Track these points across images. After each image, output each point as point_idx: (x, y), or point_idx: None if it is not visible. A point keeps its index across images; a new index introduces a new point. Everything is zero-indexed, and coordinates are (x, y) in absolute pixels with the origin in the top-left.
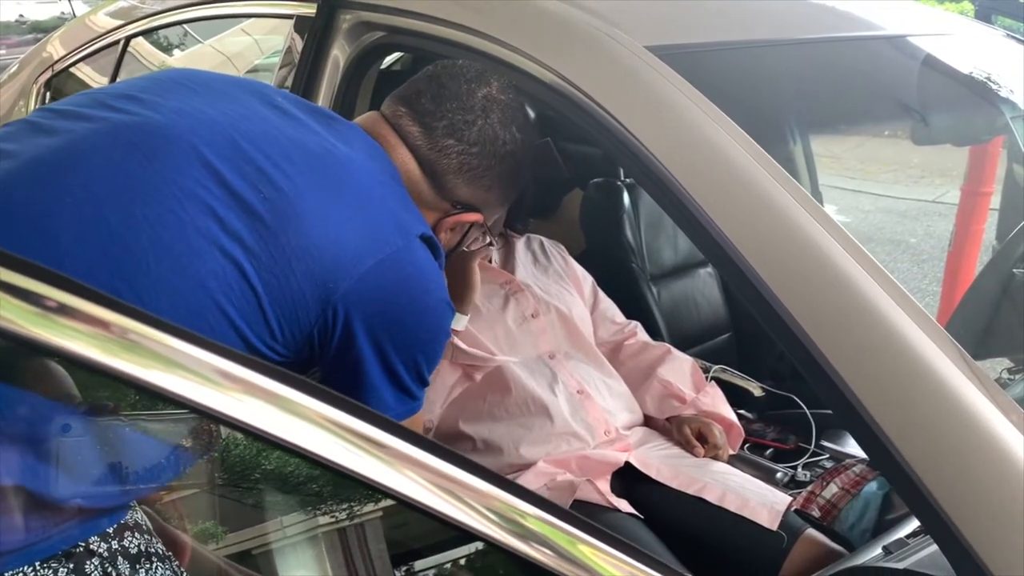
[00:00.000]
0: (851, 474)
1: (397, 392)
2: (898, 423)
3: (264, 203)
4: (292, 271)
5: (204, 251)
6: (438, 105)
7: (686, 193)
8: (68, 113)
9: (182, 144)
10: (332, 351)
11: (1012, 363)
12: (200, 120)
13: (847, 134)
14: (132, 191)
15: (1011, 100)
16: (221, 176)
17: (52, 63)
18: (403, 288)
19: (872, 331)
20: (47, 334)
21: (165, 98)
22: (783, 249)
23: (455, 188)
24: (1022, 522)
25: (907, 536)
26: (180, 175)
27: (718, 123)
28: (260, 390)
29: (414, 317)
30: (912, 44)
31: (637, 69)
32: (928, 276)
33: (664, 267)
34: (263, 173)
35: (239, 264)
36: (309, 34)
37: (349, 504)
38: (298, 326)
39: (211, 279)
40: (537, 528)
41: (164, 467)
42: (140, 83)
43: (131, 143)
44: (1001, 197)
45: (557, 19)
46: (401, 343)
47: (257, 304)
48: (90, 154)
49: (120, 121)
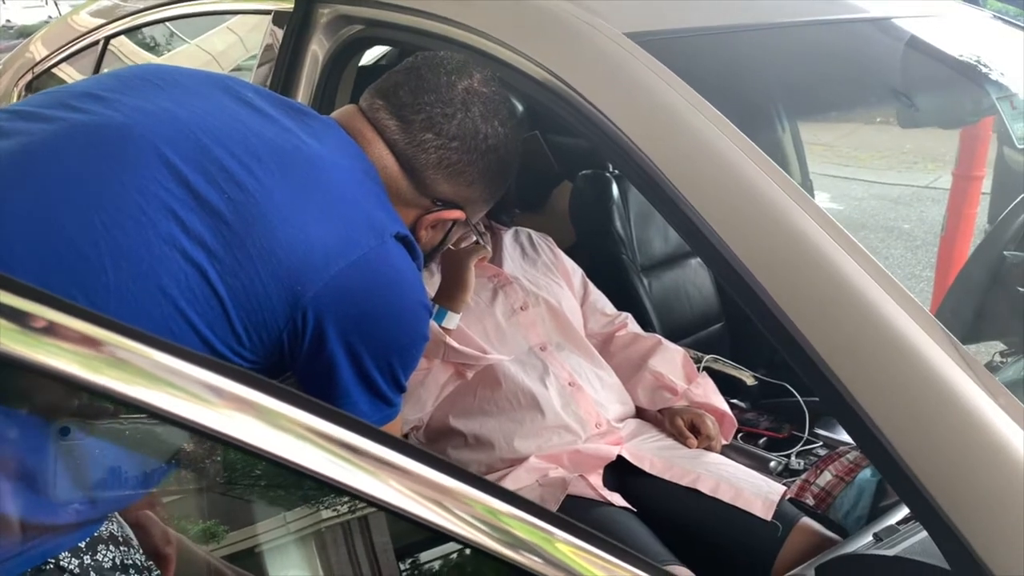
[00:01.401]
0: (845, 462)
1: (372, 399)
2: (886, 410)
3: (228, 204)
4: (258, 274)
5: (164, 256)
6: (416, 98)
7: (668, 182)
8: (26, 114)
9: (143, 144)
10: (303, 356)
11: (1005, 346)
12: (162, 118)
13: (835, 120)
14: (89, 195)
15: (999, 82)
16: (183, 176)
17: (34, 64)
18: (377, 291)
19: (859, 318)
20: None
21: (128, 96)
22: (768, 237)
23: (435, 184)
24: (1011, 508)
25: (898, 523)
26: (140, 177)
27: (700, 110)
28: (232, 396)
29: (389, 321)
30: (899, 26)
31: (617, 57)
32: (922, 262)
33: (654, 258)
34: (228, 173)
35: (201, 268)
36: (287, 29)
37: (353, 498)
38: (266, 331)
39: (172, 285)
40: (512, 527)
41: (140, 476)
42: (105, 81)
43: (89, 144)
44: (992, 180)
45: (536, 8)
46: (375, 348)
47: (221, 309)
48: (46, 157)
49: (79, 121)
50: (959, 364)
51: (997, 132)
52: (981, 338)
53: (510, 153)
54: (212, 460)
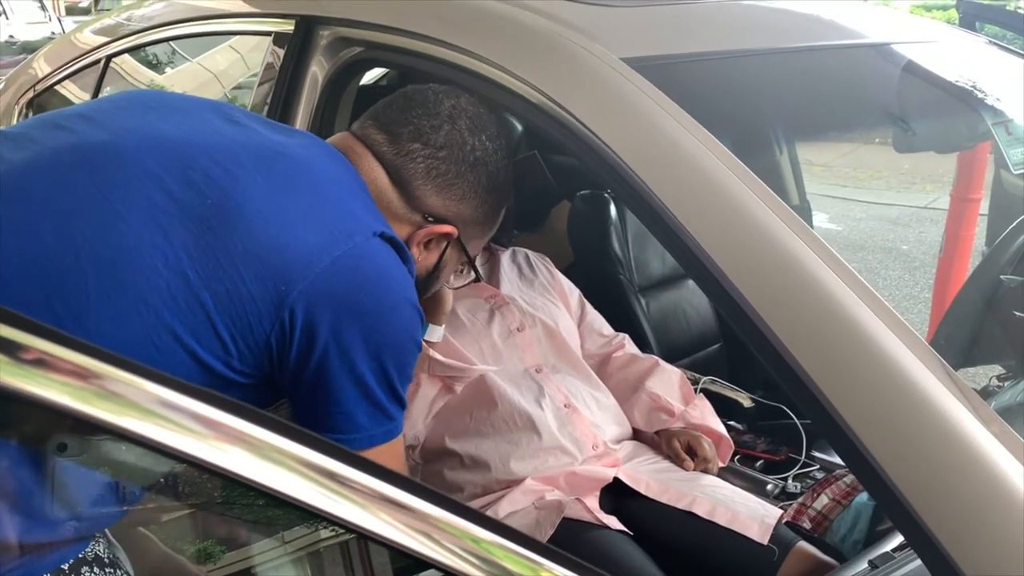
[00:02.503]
0: (842, 485)
1: (370, 409)
2: (879, 437)
3: (210, 208)
4: (240, 276)
5: (146, 265)
6: (404, 113)
7: (663, 206)
8: (15, 136)
9: (127, 159)
10: (292, 363)
11: (1002, 369)
12: (148, 134)
13: (833, 142)
14: (72, 210)
15: (993, 106)
16: (165, 185)
17: (36, 82)
18: (363, 286)
19: (852, 344)
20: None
21: (117, 117)
22: (762, 262)
23: (424, 196)
24: (1005, 535)
25: (893, 550)
26: (122, 188)
27: (694, 135)
28: (236, 435)
29: (378, 318)
30: (896, 51)
31: (613, 82)
32: (920, 283)
33: (652, 278)
34: (209, 178)
35: (184, 275)
36: (287, 50)
37: (345, 530)
38: (252, 337)
39: (154, 295)
40: (501, 559)
41: (131, 493)
42: (97, 103)
43: (75, 162)
44: (989, 203)
45: (534, 32)
46: (367, 347)
47: (206, 316)
48: (32, 177)
49: (65, 141)
50: (953, 392)
51: (994, 155)
52: (978, 362)
53: (500, 172)
54: (207, 480)
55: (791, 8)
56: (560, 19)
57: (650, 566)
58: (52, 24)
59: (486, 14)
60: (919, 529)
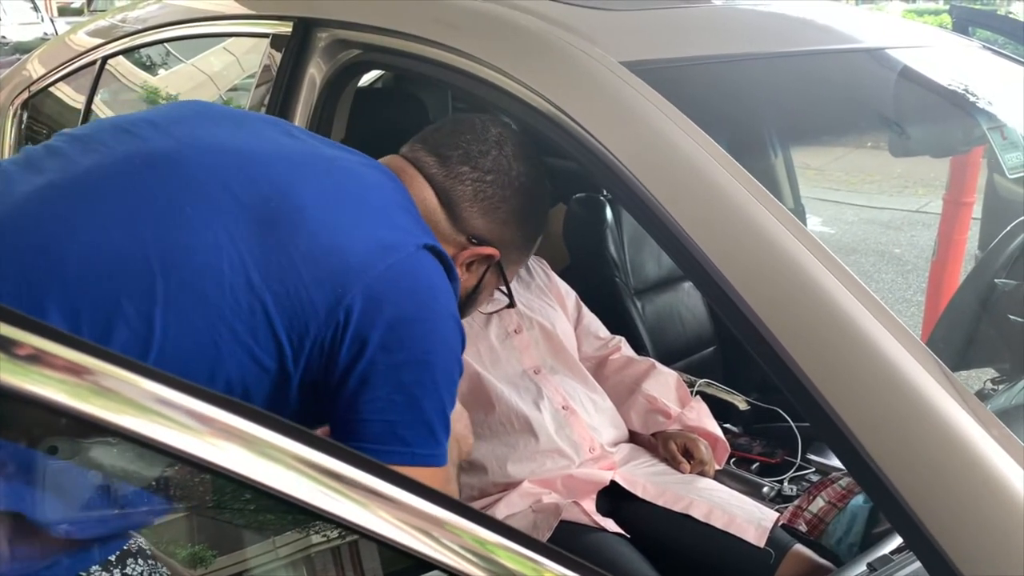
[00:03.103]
0: (837, 487)
1: (415, 422)
2: (877, 439)
3: (272, 211)
4: (301, 278)
5: (210, 267)
6: (453, 137)
7: (662, 208)
8: (84, 139)
9: (193, 165)
10: (340, 365)
11: (996, 373)
12: (213, 143)
13: (826, 144)
14: (141, 212)
15: (987, 111)
16: (231, 189)
17: (30, 83)
18: (414, 295)
19: (851, 346)
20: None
21: (183, 125)
22: (760, 264)
23: (471, 219)
24: (1005, 538)
25: (891, 552)
26: (190, 193)
27: (692, 137)
28: (233, 431)
29: (425, 325)
30: (891, 56)
31: (612, 85)
32: (913, 286)
33: (648, 281)
34: (272, 183)
35: (247, 276)
36: (285, 52)
37: (343, 529)
38: (308, 337)
39: (217, 295)
40: (501, 557)
41: (156, 492)
42: (162, 112)
43: (143, 167)
44: (982, 207)
45: (533, 35)
46: (413, 355)
47: (265, 317)
48: (103, 180)
49: (135, 147)
50: (952, 394)
51: (987, 159)
52: (972, 365)
53: (540, 199)
54: (199, 483)
55: (787, 13)
56: (558, 22)
57: (647, 569)
58: (44, 25)
59: (484, 17)
60: (918, 532)
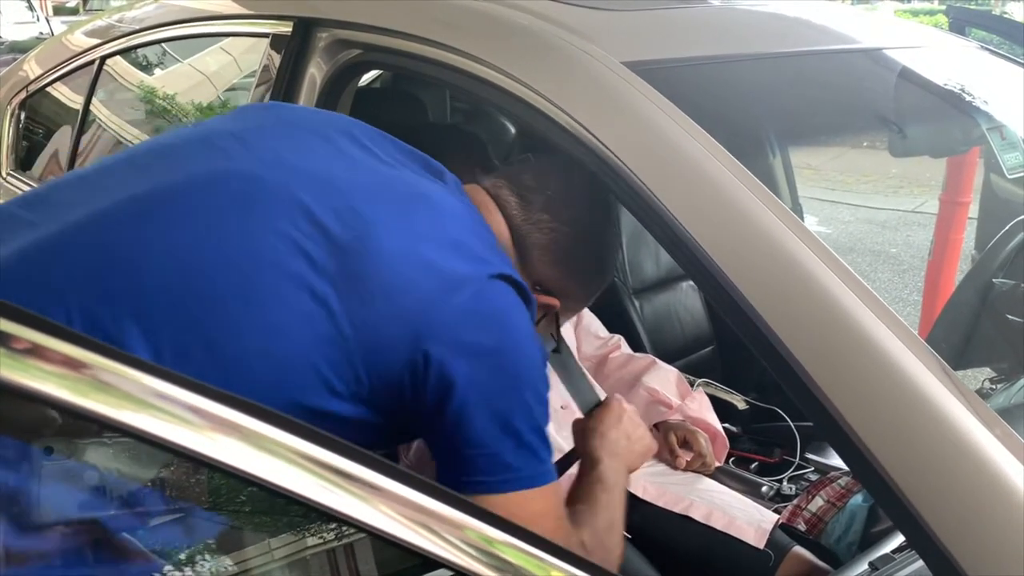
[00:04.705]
0: (836, 487)
1: (517, 447)
2: (880, 437)
3: (354, 241)
4: (379, 312)
5: (292, 295)
6: (539, 182)
7: (664, 208)
8: (169, 151)
9: (278, 189)
10: (429, 404)
11: (994, 372)
12: (296, 166)
13: (823, 144)
14: (224, 234)
15: (986, 111)
16: (314, 216)
17: (28, 83)
18: (493, 325)
19: (853, 345)
20: (16, 376)
21: (264, 139)
22: (762, 263)
23: (540, 266)
24: (1007, 535)
25: (893, 551)
26: (271, 215)
27: (695, 138)
28: (233, 426)
29: (507, 354)
30: (888, 56)
31: (613, 84)
32: (909, 286)
33: (646, 281)
34: (354, 211)
35: (329, 306)
36: (286, 52)
37: (337, 525)
38: (387, 371)
39: (297, 324)
40: (505, 554)
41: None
42: (244, 119)
43: (226, 188)
44: (979, 207)
45: (533, 36)
46: (500, 384)
47: (344, 347)
48: (185, 196)
49: (220, 166)
50: (953, 392)
51: (984, 159)
52: (970, 364)
53: (609, 260)
54: (194, 484)
55: (785, 13)
56: (559, 22)
57: (648, 569)
58: (40, 24)
59: (486, 17)
60: (921, 530)
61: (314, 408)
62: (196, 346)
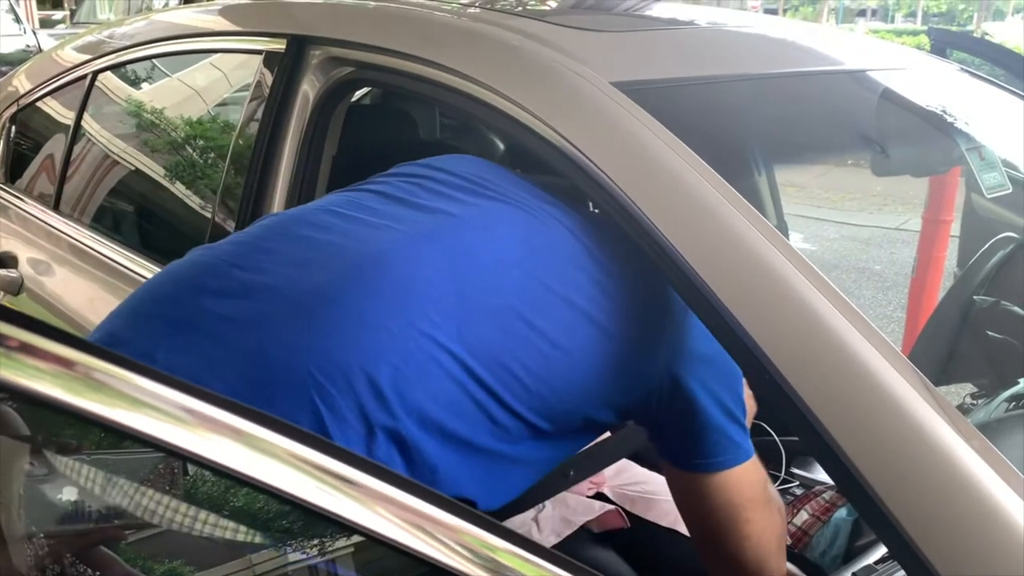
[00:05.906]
0: (821, 501)
1: (739, 427)
2: (863, 452)
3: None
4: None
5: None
6: None
7: (652, 225)
8: (367, 209)
9: (427, 274)
10: (663, 407)
11: (975, 388)
12: (456, 251)
13: (808, 164)
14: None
15: (966, 132)
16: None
17: (18, 97)
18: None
19: (837, 361)
20: (8, 374)
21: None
22: (748, 280)
23: None
24: (985, 545)
25: (875, 562)
26: (425, 306)
27: (683, 157)
28: (226, 427)
29: (718, 357)
30: (872, 78)
31: (603, 104)
32: (893, 303)
33: None
34: (511, 293)
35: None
36: (279, 69)
37: (320, 540)
38: (643, 396)
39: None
40: (508, 563)
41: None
42: (451, 185)
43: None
44: (961, 225)
45: (525, 55)
46: (723, 373)
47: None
48: (403, 260)
49: (387, 241)
50: (933, 406)
51: (965, 178)
52: (952, 380)
53: None
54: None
55: (771, 35)
56: (550, 43)
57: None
58: (27, 37)
59: (478, 36)
60: (902, 541)
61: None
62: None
